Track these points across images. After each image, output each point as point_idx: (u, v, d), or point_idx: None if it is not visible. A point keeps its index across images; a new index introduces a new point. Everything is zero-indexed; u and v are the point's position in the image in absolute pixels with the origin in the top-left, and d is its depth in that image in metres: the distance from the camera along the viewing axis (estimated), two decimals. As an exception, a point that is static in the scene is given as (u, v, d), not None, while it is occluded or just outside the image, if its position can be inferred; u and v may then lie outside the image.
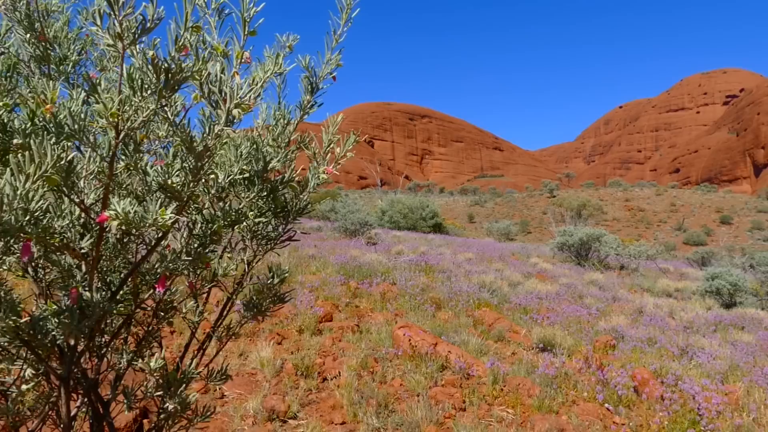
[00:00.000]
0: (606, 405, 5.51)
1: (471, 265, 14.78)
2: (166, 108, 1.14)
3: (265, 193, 1.34)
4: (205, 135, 1.10)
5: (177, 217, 1.09)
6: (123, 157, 1.15)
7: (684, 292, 14.29)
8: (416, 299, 9.14)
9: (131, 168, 1.15)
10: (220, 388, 4.95)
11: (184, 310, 1.46)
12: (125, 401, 1.35)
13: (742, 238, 63.84)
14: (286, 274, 1.65)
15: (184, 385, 1.38)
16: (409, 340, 6.39)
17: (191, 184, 1.11)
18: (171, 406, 1.37)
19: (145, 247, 1.33)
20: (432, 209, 37.84)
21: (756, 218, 70.79)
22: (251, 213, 1.30)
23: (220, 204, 1.27)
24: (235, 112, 1.08)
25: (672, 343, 7.70)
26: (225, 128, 1.07)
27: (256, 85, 1.20)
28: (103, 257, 1.26)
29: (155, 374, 1.37)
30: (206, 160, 1.09)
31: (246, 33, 1.19)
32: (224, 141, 1.13)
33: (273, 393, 5.00)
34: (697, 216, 74.50)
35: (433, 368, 5.87)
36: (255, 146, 1.26)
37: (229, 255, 1.61)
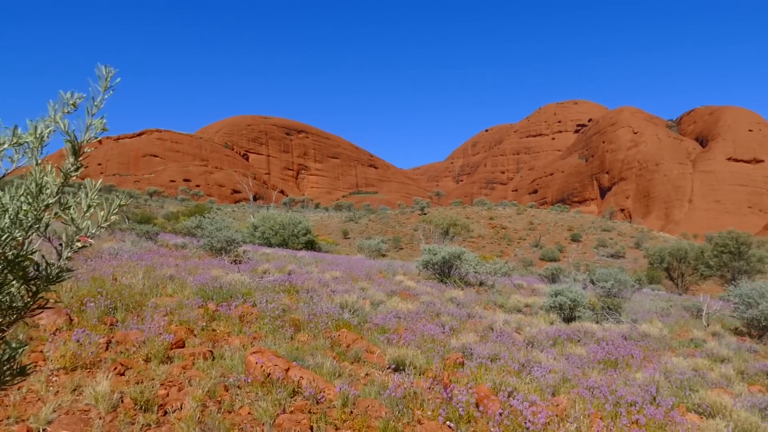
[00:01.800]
0: (448, 423, 5.79)
1: (337, 284, 14.90)
2: None
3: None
4: None
5: None
6: None
7: (533, 308, 15.39)
8: (276, 322, 9.05)
9: None
10: (44, 430, 4.58)
11: None
12: None
13: (589, 254, 70.13)
14: (23, 349, 1.58)
15: None
16: (261, 366, 6.32)
17: None
18: None
19: None
20: (305, 226, 37.69)
21: (601, 236, 78.18)
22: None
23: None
24: None
25: (513, 359, 8.27)
26: None
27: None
28: None
29: None
30: None
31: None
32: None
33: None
34: (552, 234, 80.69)
35: (283, 394, 5.84)
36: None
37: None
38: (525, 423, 5.31)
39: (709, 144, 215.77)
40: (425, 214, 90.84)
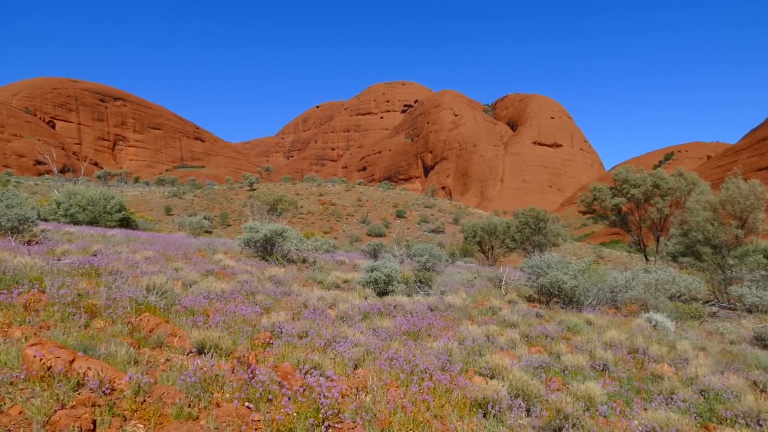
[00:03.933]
0: (247, 404, 5.78)
1: (148, 265, 14.09)
2: None
3: None
4: None
5: None
6: None
7: (351, 283, 15.86)
8: (68, 309, 8.30)
9: None
10: None
11: None
12: None
13: (413, 229, 74.04)
14: None
15: None
16: (41, 359, 5.77)
17: None
18: None
19: None
20: (118, 201, 34.98)
21: (423, 213, 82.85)
22: None
23: None
24: None
25: (321, 336, 8.47)
26: None
27: None
28: None
29: None
30: None
31: None
32: None
33: None
34: (378, 210, 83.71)
35: (64, 388, 5.39)
36: None
37: None
38: (320, 398, 5.48)
39: (519, 128, 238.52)
40: (254, 190, 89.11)
